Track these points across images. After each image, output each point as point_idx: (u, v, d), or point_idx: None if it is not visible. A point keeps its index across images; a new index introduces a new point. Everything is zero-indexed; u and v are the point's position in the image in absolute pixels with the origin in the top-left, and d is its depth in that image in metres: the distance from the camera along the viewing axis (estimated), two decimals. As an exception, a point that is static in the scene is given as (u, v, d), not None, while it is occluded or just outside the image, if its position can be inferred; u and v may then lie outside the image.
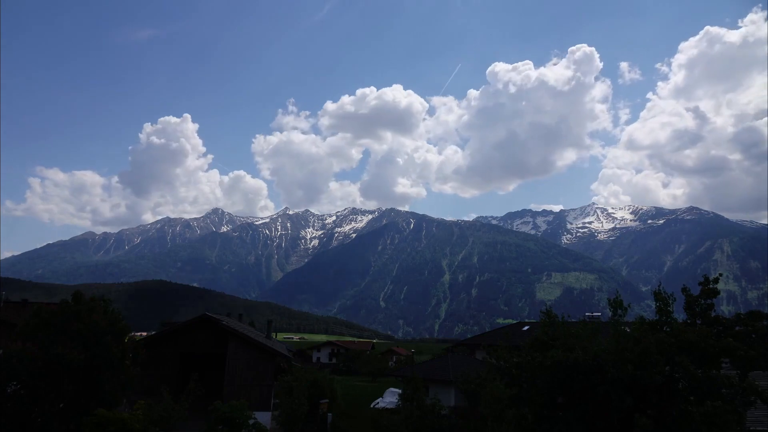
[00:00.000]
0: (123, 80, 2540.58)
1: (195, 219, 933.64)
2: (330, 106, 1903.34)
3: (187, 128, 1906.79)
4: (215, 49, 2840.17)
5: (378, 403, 39.29)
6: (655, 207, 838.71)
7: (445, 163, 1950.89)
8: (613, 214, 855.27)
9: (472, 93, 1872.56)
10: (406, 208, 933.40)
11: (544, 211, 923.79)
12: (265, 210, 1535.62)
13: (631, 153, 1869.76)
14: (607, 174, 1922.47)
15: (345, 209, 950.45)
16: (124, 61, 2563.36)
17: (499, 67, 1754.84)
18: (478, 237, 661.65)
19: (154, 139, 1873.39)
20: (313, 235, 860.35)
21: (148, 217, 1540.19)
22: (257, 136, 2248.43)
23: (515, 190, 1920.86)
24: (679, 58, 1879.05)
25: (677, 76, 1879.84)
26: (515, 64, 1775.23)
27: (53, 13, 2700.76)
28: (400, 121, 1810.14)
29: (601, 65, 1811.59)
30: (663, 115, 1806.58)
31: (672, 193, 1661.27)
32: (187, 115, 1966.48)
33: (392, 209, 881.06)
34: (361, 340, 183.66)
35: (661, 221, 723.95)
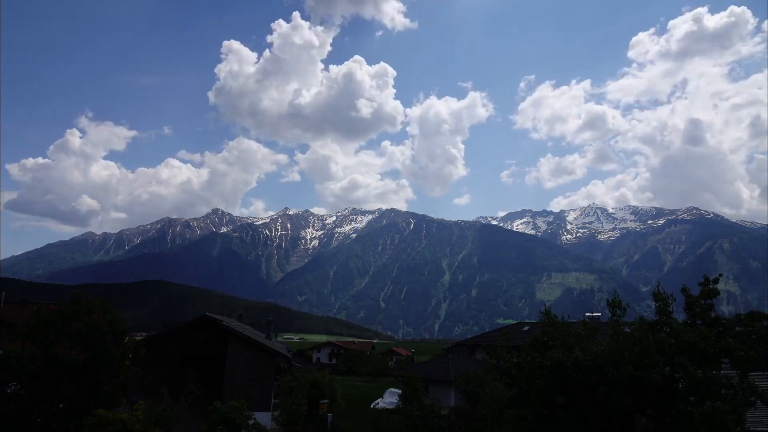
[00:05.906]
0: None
1: (195, 219, 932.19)
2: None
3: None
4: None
5: (378, 403, 39.29)
6: (655, 207, 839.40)
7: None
8: (613, 214, 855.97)
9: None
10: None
11: (544, 211, 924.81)
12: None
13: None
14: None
15: (345, 209, 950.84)
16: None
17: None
18: (478, 237, 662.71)
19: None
20: (313, 235, 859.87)
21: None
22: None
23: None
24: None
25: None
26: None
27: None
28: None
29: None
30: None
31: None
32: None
33: (392, 209, 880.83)
34: (361, 340, 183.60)
35: (661, 221, 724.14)
